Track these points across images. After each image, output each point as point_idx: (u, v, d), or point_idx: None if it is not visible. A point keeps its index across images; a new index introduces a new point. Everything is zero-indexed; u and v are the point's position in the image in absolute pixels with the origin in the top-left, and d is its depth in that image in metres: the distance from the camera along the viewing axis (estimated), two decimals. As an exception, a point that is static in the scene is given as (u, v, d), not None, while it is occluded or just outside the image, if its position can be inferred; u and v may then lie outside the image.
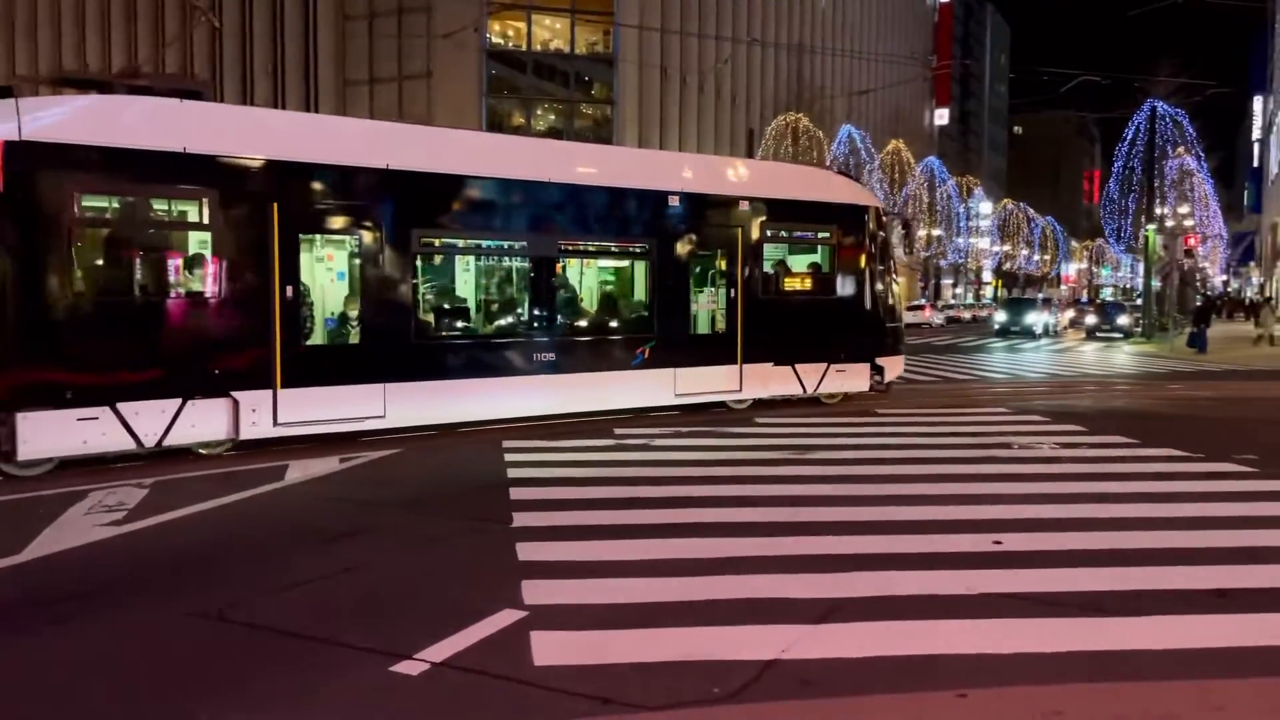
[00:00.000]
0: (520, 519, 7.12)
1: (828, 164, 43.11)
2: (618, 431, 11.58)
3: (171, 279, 9.76)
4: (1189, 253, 44.12)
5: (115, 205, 9.52)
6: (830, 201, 14.41)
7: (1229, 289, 79.56)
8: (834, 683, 4.24)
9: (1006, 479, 8.76)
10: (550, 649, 4.59)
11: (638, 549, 6.30)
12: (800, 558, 6.12)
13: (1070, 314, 45.47)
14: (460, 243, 12.18)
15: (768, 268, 13.95)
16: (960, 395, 15.11)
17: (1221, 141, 75.14)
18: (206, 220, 9.65)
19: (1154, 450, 10.35)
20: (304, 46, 44.49)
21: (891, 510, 7.43)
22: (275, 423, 9.91)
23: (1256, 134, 68.68)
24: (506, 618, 4.99)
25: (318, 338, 10.73)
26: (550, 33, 46.95)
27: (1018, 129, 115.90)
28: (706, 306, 13.49)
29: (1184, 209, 42.07)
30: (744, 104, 51.55)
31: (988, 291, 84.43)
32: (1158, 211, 42.43)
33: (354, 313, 10.76)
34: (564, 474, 8.96)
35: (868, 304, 14.59)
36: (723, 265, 13.38)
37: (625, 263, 13.48)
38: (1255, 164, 68.74)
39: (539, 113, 46.69)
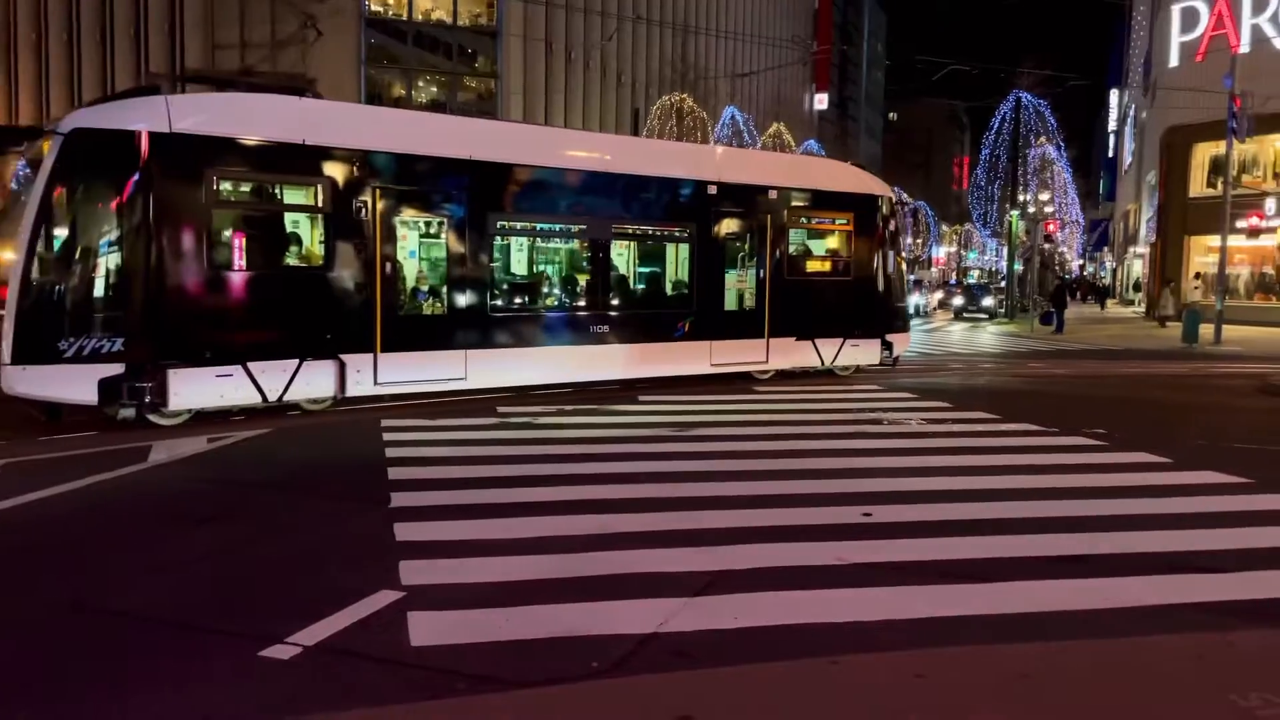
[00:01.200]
0: (399, 499, 7.00)
1: (712, 143, 43.67)
2: (501, 410, 11.50)
3: (292, 254, 11.08)
4: (1049, 238, 46.46)
5: (246, 189, 10.84)
6: (848, 191, 15.78)
7: (1085, 273, 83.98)
8: (710, 654, 4.32)
9: (877, 454, 9.08)
10: (428, 629, 4.54)
11: (518, 527, 6.27)
12: (679, 532, 6.21)
13: (939, 295, 47.29)
14: (530, 226, 13.25)
15: (792, 251, 15.35)
16: (808, 376, 15.55)
17: (1080, 132, 79.18)
18: (320, 204, 10.90)
19: (1013, 425, 10.90)
20: (169, 5, 42.22)
21: (768, 485, 7.61)
22: (375, 382, 11.23)
23: (1112, 126, 72.45)
24: (383, 599, 4.91)
25: (410, 309, 11.91)
26: (432, 2, 45.84)
27: (893, 115, 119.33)
28: (738, 286, 14.77)
29: (1045, 196, 44.16)
30: (629, 82, 51.48)
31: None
32: (1021, 198, 44.48)
33: (441, 287, 12.05)
34: (445, 453, 8.84)
35: (880, 285, 16.08)
36: (752, 248, 14.77)
37: (669, 245, 14.50)
38: (1110, 155, 72.61)
39: (420, 84, 45.60)
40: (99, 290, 9.73)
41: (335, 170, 10.94)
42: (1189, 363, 20.55)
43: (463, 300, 12.05)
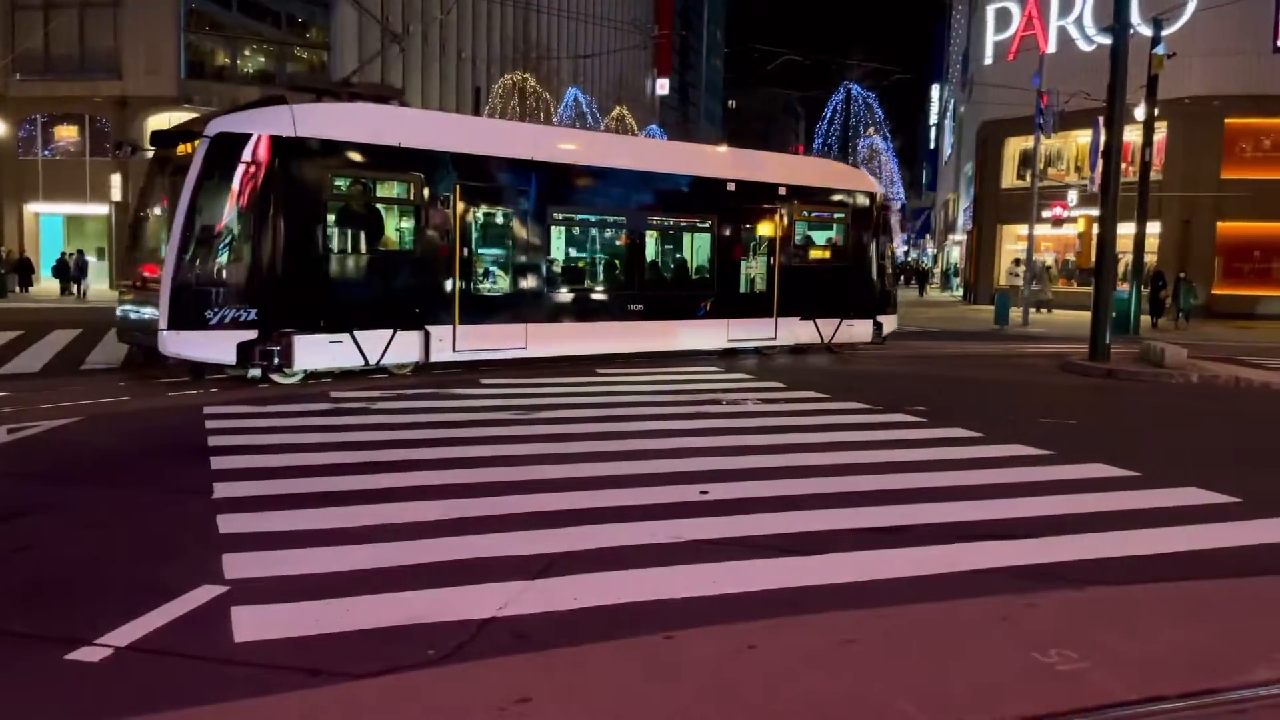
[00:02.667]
0: (222, 489, 6.66)
1: (555, 123, 43.60)
2: (334, 395, 11.12)
3: (389, 240, 12.92)
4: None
5: (354, 184, 12.55)
6: (844, 188, 17.86)
7: (909, 259, 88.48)
8: (549, 636, 4.32)
9: (714, 433, 9.30)
10: (254, 624, 4.34)
11: (351, 516, 6.09)
12: (519, 516, 6.17)
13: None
14: (580, 217, 15.04)
15: (797, 241, 17.23)
16: (676, 356, 15.82)
17: (905, 124, 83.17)
18: (411, 197, 12.84)
19: (843, 404, 11.38)
20: (-42, -42, 38.43)
21: (608, 466, 7.66)
22: (454, 350, 13.09)
23: (933, 119, 76.47)
24: (204, 594, 4.67)
25: (482, 288, 13.64)
26: (259, -33, 43.49)
27: (733, 103, 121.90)
28: (751, 271, 16.65)
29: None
30: (470, 60, 50.51)
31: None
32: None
33: (506, 269, 13.85)
34: (274, 440, 8.48)
35: (872, 272, 18.13)
36: (763, 238, 16.72)
37: (694, 235, 16.40)
38: (932, 146, 76.64)
39: (246, 54, 43.28)
40: (237, 268, 11.42)
41: (424, 169, 12.80)
42: (1000, 343, 21.99)
43: (524, 281, 13.99)
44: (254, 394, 11.07)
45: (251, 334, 11.42)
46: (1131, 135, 26.21)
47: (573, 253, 15.25)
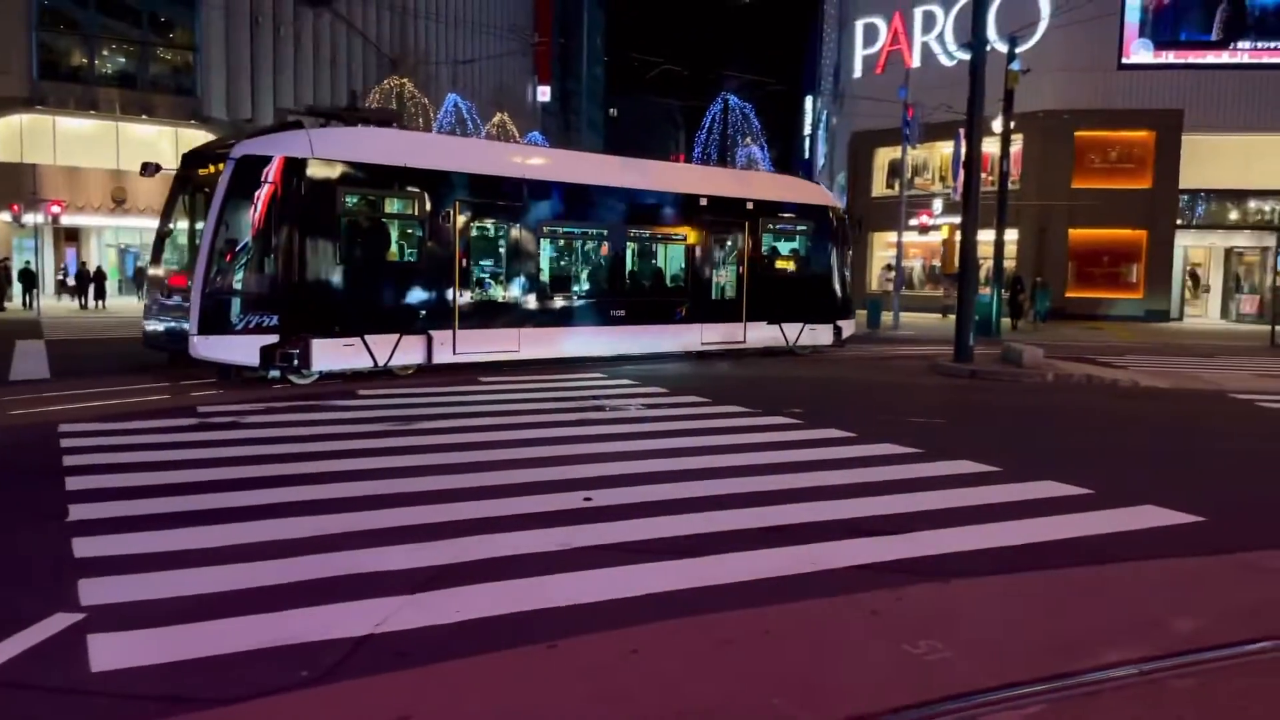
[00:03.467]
0: (78, 511, 6.31)
1: (434, 129, 43.02)
2: (201, 410, 10.67)
3: (396, 252, 14.00)
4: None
5: (365, 201, 13.62)
6: (806, 203, 19.31)
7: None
8: (430, 651, 4.24)
9: (598, 439, 9.32)
10: (112, 652, 4.12)
11: (218, 535, 5.85)
12: (398, 529, 6.05)
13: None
14: (567, 231, 16.15)
15: (763, 251, 18.57)
16: (557, 363, 15.81)
17: (782, 134, 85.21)
18: (416, 213, 13.89)
19: (723, 408, 11.57)
20: None
21: (491, 475, 7.59)
22: (454, 353, 14.19)
23: (807, 130, 78.63)
24: (58, 623, 4.41)
25: (479, 296, 14.75)
26: (117, -38, 41.47)
27: (614, 111, 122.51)
28: (722, 280, 18.10)
29: (752, 193, 47.03)
30: (345, 64, 49.32)
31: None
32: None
33: (501, 279, 15.06)
34: (136, 459, 8.07)
35: (832, 280, 19.50)
36: (733, 249, 18.11)
37: (670, 246, 17.66)
38: (807, 156, 78.78)
39: (105, 54, 41.18)
40: (260, 278, 12.48)
41: (428, 187, 13.91)
42: (874, 345, 22.73)
43: (517, 289, 15.19)
44: (115, 411, 10.52)
45: (274, 338, 12.51)
46: (991, 146, 27.55)
47: (561, 263, 16.39)
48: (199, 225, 12.86)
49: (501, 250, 15.12)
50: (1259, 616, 4.78)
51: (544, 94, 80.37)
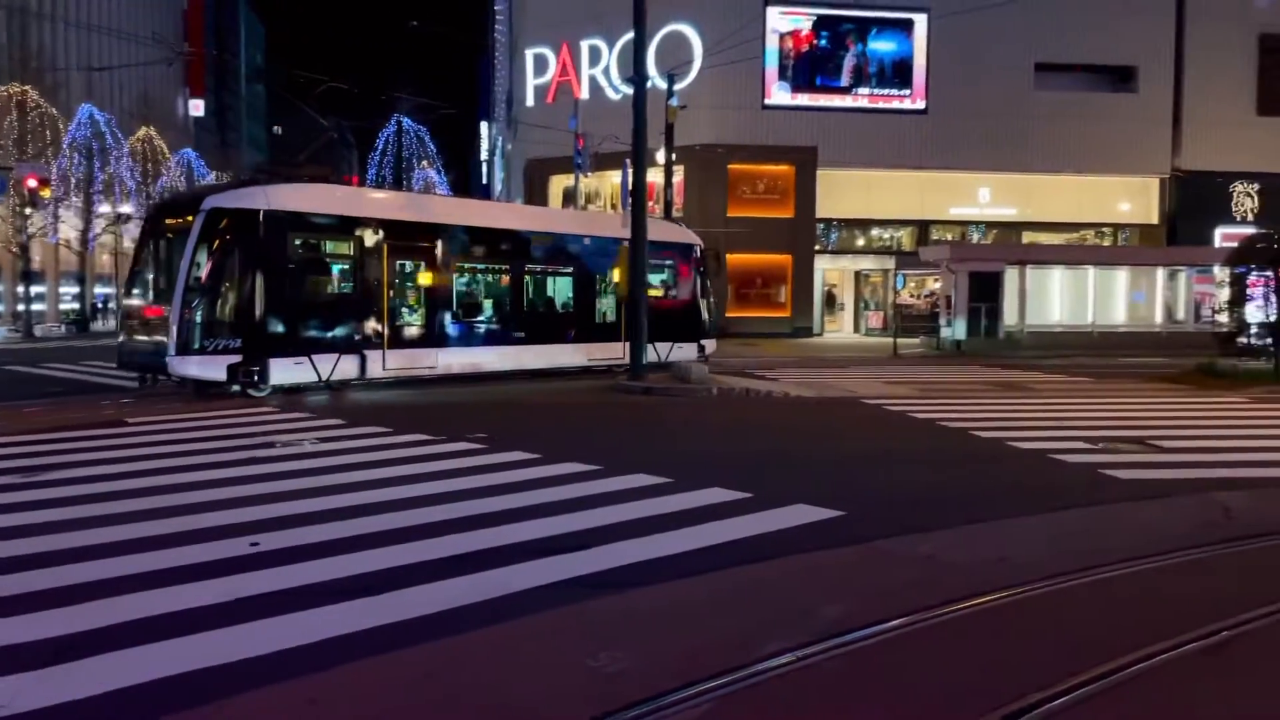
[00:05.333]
0: None
1: (67, 144, 38.79)
2: None
3: (336, 285, 16.70)
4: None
5: (311, 244, 16.43)
6: (673, 241, 22.36)
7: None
8: (68, 730, 3.75)
9: (266, 479, 8.74)
10: None
11: None
12: (24, 597, 5.30)
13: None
14: (476, 265, 18.82)
15: None
16: (224, 399, 14.69)
17: (460, 158, 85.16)
18: (353, 253, 16.52)
19: (405, 437, 11.29)
20: None
21: (140, 527, 6.86)
22: (383, 369, 16.57)
23: (484, 155, 79.23)
24: None
25: (404, 321, 17.21)
26: None
27: (278, 129, 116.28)
28: (604, 306, 20.82)
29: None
30: (-51, 65, 42.88)
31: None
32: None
33: (422, 307, 17.48)
34: None
35: (698, 306, 22.60)
36: (613, 280, 20.89)
37: (561, 279, 20.30)
38: (485, 181, 79.33)
39: None
40: (226, 309, 14.76)
41: (362, 231, 16.49)
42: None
43: (435, 316, 17.67)
44: None
45: (238, 358, 14.86)
46: (656, 176, 29.18)
47: (471, 293, 18.84)
48: (170, 264, 15.19)
49: (422, 284, 17.67)
50: (894, 597, 5.40)
51: (197, 108, 74.69)
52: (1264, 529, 7.12)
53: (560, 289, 20.43)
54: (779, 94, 37.97)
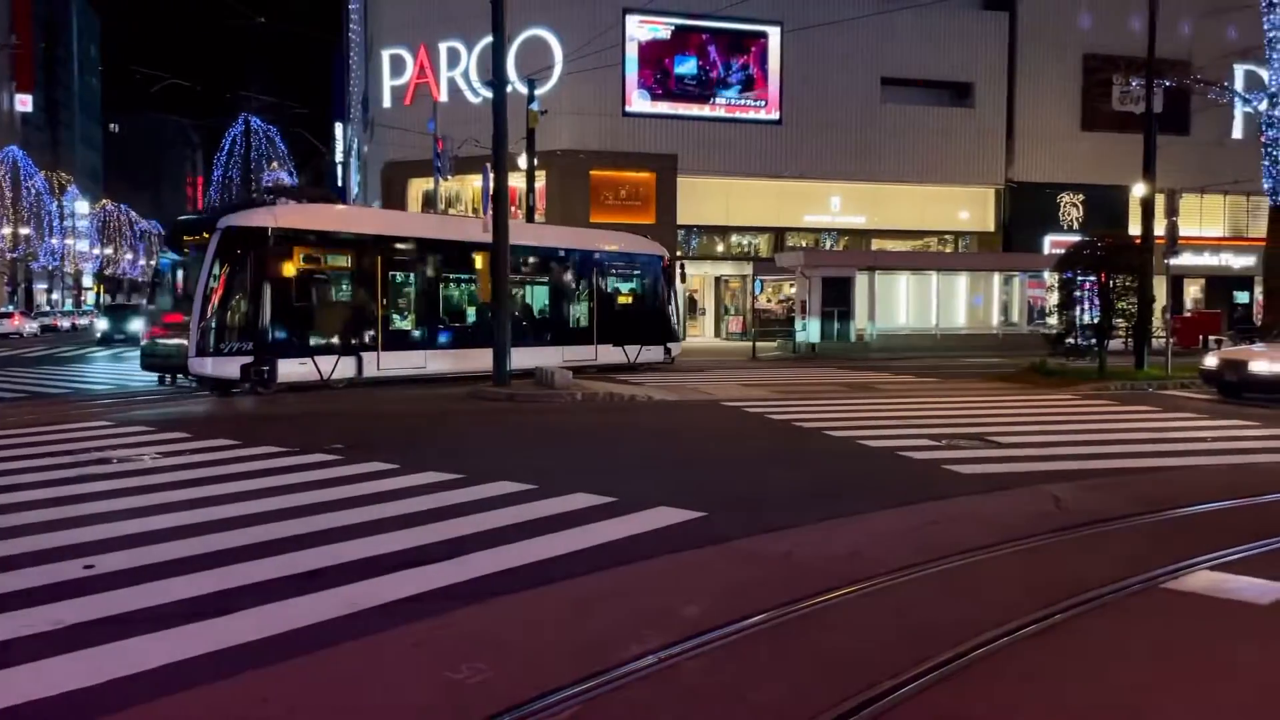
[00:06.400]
0: None
1: None
2: None
3: (337, 294, 18.93)
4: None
5: (314, 257, 18.23)
6: (642, 252, 24.96)
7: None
8: None
9: (102, 496, 8.23)
10: None
11: None
12: None
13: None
14: (461, 276, 20.91)
15: (609, 290, 23.83)
16: (56, 412, 13.75)
17: (312, 160, 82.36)
18: (351, 265, 18.82)
19: (255, 449, 10.83)
20: None
21: (-40, 552, 6.34)
22: (378, 369, 18.68)
23: (339, 157, 76.92)
24: None
25: (397, 326, 19.54)
26: None
27: (115, 126, 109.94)
28: (578, 312, 23.15)
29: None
30: None
31: (89, 298, 78.74)
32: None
33: (412, 314, 19.93)
34: None
35: (665, 312, 24.97)
36: (586, 288, 23.23)
37: (538, 287, 22.62)
38: (340, 184, 77.01)
39: None
40: (239, 315, 17.07)
41: (359, 247, 18.58)
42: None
43: (424, 322, 19.83)
44: None
45: (250, 359, 16.85)
46: (517, 181, 29.02)
47: (455, 301, 20.99)
48: (188, 276, 17.36)
49: (412, 292, 19.82)
50: (753, 595, 5.52)
51: (24, 103, 69.90)
52: (1089, 518, 7.63)
53: (537, 297, 22.86)
54: (639, 102, 38.36)
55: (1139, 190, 22.37)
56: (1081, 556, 6.61)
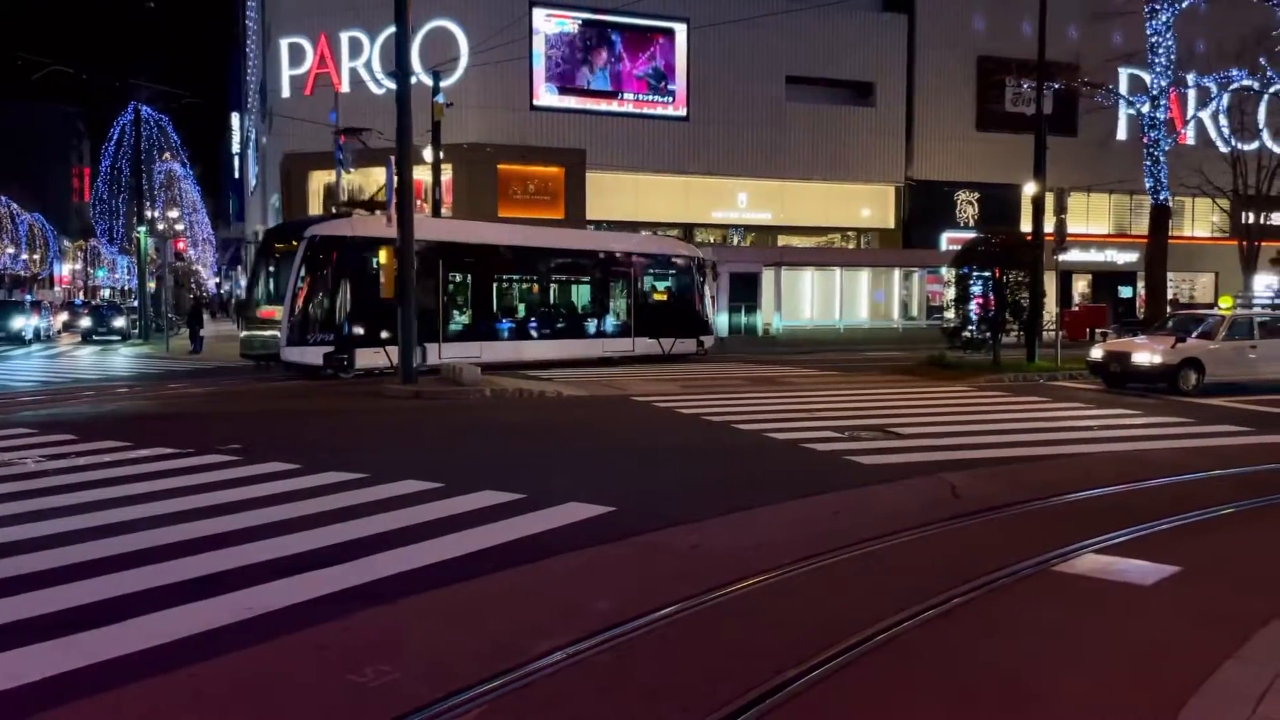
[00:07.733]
0: None
1: None
2: None
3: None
4: (180, 255, 45.67)
5: (384, 261, 18.31)
6: (675, 253, 27.31)
7: (221, 291, 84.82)
8: None
9: (-18, 503, 7.80)
10: None
11: None
12: None
13: (64, 317, 42.95)
14: (513, 276, 23.87)
15: (646, 288, 25.95)
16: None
17: (207, 151, 79.62)
18: (420, 268, 18.93)
19: (146, 451, 10.41)
20: None
21: None
22: (440, 358, 20.43)
23: (236, 148, 74.39)
24: None
25: (456, 320, 22.17)
26: None
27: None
28: (618, 308, 25.29)
29: (174, 213, 43.30)
30: None
31: (-34, 293, 74.50)
32: (149, 214, 42.88)
33: (471, 309, 22.58)
34: None
35: (695, 308, 26.74)
36: (624, 286, 25.36)
37: (582, 286, 25.03)
38: (237, 176, 74.52)
39: None
40: (324, 311, 19.73)
41: (424, 249, 19.71)
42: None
43: (480, 317, 22.38)
44: None
45: (331, 349, 19.41)
46: (423, 174, 28.53)
47: (508, 298, 23.50)
48: (279, 277, 20.02)
49: (471, 291, 22.33)
50: (662, 588, 5.54)
51: (-111, 87, 65.70)
52: (984, 505, 7.89)
53: (580, 295, 25.09)
54: (547, 96, 38.10)
55: (1030, 189, 23.17)
56: (977, 542, 6.83)
